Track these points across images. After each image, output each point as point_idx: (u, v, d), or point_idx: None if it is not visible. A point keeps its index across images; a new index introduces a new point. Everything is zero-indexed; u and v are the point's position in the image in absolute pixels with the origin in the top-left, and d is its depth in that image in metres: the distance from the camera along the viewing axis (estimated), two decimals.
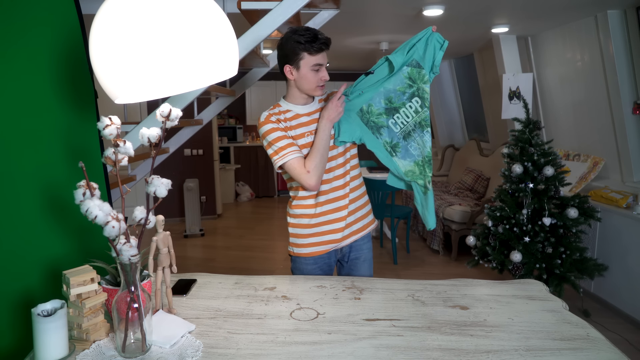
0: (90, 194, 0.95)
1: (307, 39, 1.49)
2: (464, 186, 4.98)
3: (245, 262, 4.25)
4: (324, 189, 1.62)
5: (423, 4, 2.92)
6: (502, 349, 1.06)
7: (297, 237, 1.67)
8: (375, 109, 1.59)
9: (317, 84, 1.56)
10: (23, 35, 1.21)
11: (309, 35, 1.49)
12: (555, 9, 3.02)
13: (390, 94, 1.57)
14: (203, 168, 5.69)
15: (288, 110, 1.62)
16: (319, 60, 1.52)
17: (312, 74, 1.53)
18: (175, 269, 1.26)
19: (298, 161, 1.53)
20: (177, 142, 2.97)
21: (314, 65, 1.52)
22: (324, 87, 1.59)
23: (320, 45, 1.50)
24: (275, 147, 1.54)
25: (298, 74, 1.54)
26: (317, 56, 1.51)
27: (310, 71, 1.53)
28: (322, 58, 1.53)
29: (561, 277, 2.82)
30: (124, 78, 0.88)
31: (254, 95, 7.40)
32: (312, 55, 1.51)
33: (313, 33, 1.50)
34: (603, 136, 3.42)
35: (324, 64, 1.54)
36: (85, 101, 1.39)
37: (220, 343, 1.09)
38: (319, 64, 1.52)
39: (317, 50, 1.50)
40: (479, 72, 5.03)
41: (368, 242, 1.76)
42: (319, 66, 1.53)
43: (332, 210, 1.63)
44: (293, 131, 1.59)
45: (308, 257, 1.67)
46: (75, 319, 1.06)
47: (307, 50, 1.50)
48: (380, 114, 1.59)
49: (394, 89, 1.57)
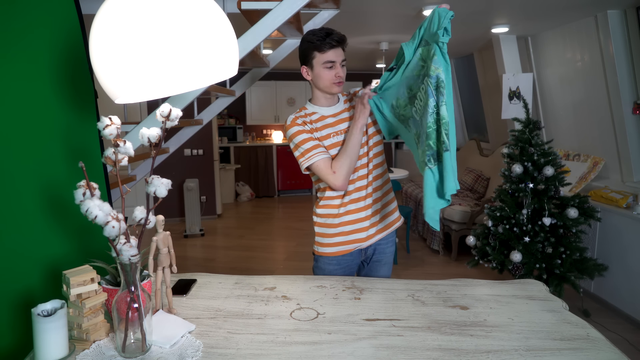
0: (90, 194, 0.95)
1: (318, 37, 1.52)
2: (464, 186, 4.98)
3: (245, 262, 4.25)
4: (348, 189, 1.63)
5: (423, 4, 2.92)
6: (502, 349, 1.06)
7: (323, 237, 1.69)
8: (402, 101, 1.51)
9: (332, 81, 1.57)
10: (23, 37, 1.21)
11: (321, 34, 1.52)
12: (555, 9, 3.02)
13: (410, 82, 1.48)
14: (203, 168, 5.69)
15: (314, 112, 1.65)
16: (330, 57, 1.53)
17: (326, 72, 1.55)
18: (175, 269, 1.26)
19: (324, 162, 1.56)
20: (177, 142, 2.97)
21: (326, 62, 1.53)
22: (341, 84, 1.59)
23: (330, 42, 1.51)
24: (302, 149, 1.57)
25: (313, 74, 1.58)
26: (328, 53, 1.52)
27: (323, 69, 1.55)
28: (334, 55, 1.54)
29: (561, 277, 2.82)
30: (124, 78, 0.88)
31: (254, 95, 7.40)
32: (323, 52, 1.53)
33: (325, 32, 1.52)
34: (603, 136, 3.42)
35: (337, 61, 1.55)
36: (85, 101, 1.39)
37: (220, 343, 1.09)
38: (331, 61, 1.54)
39: (327, 47, 1.52)
40: (479, 72, 5.03)
41: (392, 245, 1.77)
42: (331, 63, 1.54)
43: (356, 210, 1.64)
44: (319, 132, 1.61)
45: (332, 257, 1.68)
46: (75, 319, 1.06)
47: (318, 48, 1.53)
48: (406, 105, 1.50)
49: (413, 75, 1.47)
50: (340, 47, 1.55)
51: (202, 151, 5.65)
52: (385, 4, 2.92)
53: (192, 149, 5.59)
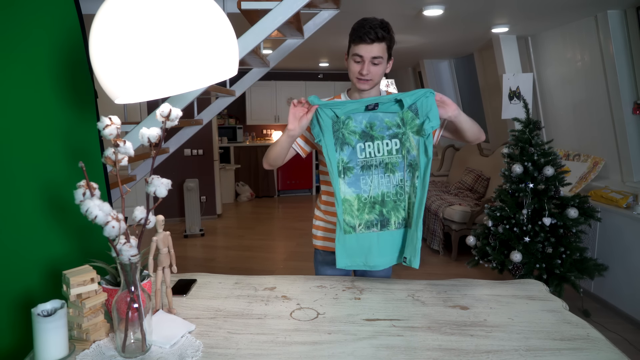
0: (90, 194, 0.95)
1: (355, 27, 1.47)
2: (464, 186, 4.98)
3: (245, 262, 4.25)
4: None
5: (423, 4, 2.92)
6: (502, 349, 1.06)
7: (320, 230, 1.69)
8: (352, 125, 1.44)
9: (355, 75, 1.51)
10: (24, 37, 1.21)
11: (359, 24, 1.46)
12: (555, 9, 3.02)
13: (374, 120, 1.44)
14: (203, 168, 5.69)
15: None
16: (359, 51, 1.46)
17: (353, 65, 1.50)
18: (175, 269, 1.26)
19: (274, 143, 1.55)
20: (177, 142, 2.97)
21: (354, 55, 1.48)
22: (366, 82, 1.51)
23: (360, 34, 1.44)
24: None
25: (347, 63, 1.55)
26: (358, 46, 1.46)
27: (352, 61, 1.50)
28: (364, 50, 1.46)
29: (561, 277, 2.82)
30: (124, 78, 0.88)
31: (254, 95, 7.40)
32: (355, 44, 1.47)
33: (362, 23, 1.46)
34: (603, 136, 3.42)
35: (365, 57, 1.47)
36: (85, 101, 1.39)
37: (220, 343, 1.09)
38: (359, 55, 1.47)
39: (358, 40, 1.45)
40: (479, 72, 5.03)
41: None
42: (359, 57, 1.47)
43: None
44: None
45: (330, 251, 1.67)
46: (75, 319, 1.06)
47: (352, 39, 1.48)
48: (353, 132, 1.44)
49: (382, 119, 1.44)
50: (377, 43, 1.45)
51: (202, 151, 5.65)
52: (386, 4, 2.92)
53: (192, 149, 5.59)
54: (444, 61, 5.81)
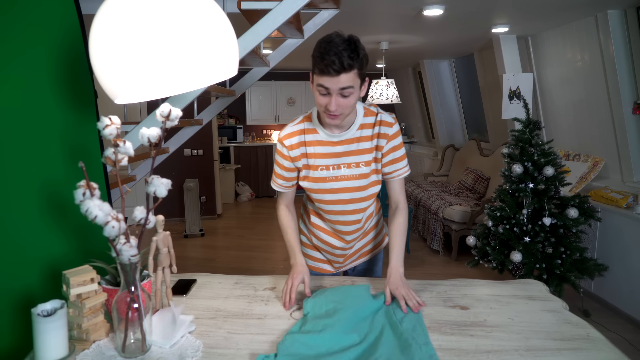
0: (90, 194, 0.95)
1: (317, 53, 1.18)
2: (464, 186, 4.98)
3: (245, 262, 4.25)
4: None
5: (423, 4, 2.92)
6: (502, 349, 1.06)
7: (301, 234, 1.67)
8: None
9: (322, 109, 1.25)
10: (23, 37, 1.21)
11: (321, 49, 1.16)
12: (555, 9, 3.02)
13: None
14: (203, 168, 5.69)
15: (313, 131, 1.37)
16: (324, 83, 1.18)
17: (318, 97, 1.23)
18: (175, 269, 1.26)
19: (279, 195, 1.56)
20: (177, 142, 2.97)
21: (319, 86, 1.21)
22: (335, 117, 1.24)
23: (323, 66, 1.16)
24: (275, 167, 1.48)
25: (312, 89, 1.26)
26: (322, 78, 1.18)
27: (317, 92, 1.23)
28: (330, 82, 1.17)
29: (561, 277, 2.82)
30: (124, 78, 0.88)
31: (254, 95, 7.40)
32: (318, 75, 1.20)
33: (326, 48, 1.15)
34: (603, 136, 3.42)
35: (332, 90, 1.18)
36: (85, 101, 1.38)
37: (220, 343, 1.09)
38: (324, 87, 1.19)
39: (320, 72, 1.18)
40: (479, 72, 5.03)
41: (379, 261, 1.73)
42: (325, 89, 1.20)
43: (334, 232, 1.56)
44: (307, 160, 1.39)
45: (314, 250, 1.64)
46: (75, 319, 1.06)
47: (314, 66, 1.20)
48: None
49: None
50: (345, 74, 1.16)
51: (202, 151, 5.65)
52: (386, 4, 2.92)
53: (192, 149, 5.59)
54: (444, 61, 5.81)
